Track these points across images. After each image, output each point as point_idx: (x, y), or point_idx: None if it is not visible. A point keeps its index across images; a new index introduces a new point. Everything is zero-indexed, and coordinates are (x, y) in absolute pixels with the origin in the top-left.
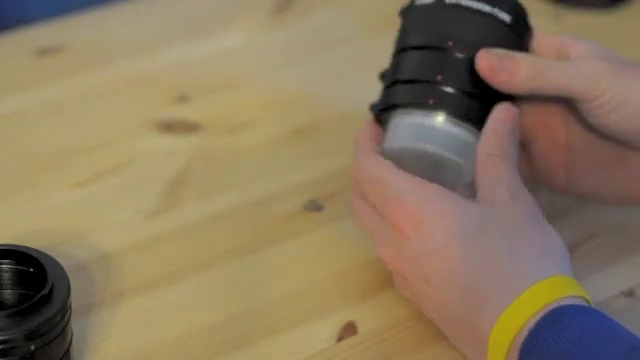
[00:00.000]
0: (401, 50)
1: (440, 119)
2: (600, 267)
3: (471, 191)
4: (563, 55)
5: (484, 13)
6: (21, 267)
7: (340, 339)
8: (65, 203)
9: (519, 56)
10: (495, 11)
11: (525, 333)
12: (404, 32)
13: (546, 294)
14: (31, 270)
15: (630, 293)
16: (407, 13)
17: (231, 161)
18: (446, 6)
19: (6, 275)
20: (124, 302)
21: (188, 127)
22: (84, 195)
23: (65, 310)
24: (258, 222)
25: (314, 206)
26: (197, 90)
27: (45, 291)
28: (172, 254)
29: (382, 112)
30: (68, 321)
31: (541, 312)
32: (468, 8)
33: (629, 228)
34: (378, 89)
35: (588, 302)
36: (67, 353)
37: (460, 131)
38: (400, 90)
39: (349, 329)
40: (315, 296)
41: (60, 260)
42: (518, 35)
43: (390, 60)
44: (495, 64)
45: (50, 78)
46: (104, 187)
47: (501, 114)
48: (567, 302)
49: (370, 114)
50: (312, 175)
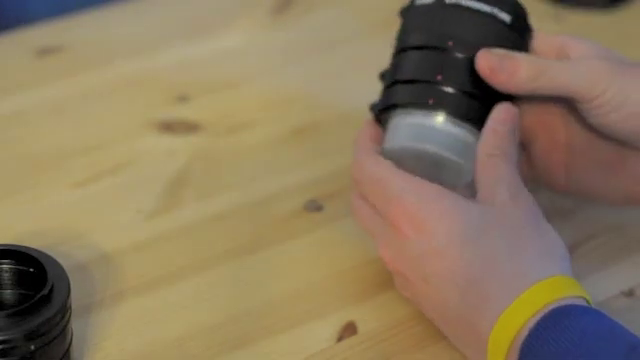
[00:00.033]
0: (401, 50)
1: (440, 119)
2: (600, 267)
3: (471, 191)
4: (563, 55)
5: (484, 13)
6: (21, 267)
7: (340, 339)
8: (65, 203)
9: (519, 56)
10: (495, 11)
11: (525, 333)
12: (404, 32)
13: (546, 294)
14: (31, 270)
15: (630, 293)
16: (407, 13)
17: (231, 161)
18: (446, 6)
19: (6, 275)
20: (124, 302)
21: (188, 127)
22: (84, 195)
23: (65, 310)
24: (258, 222)
25: (314, 206)
26: (197, 90)
27: (45, 291)
28: (172, 254)
29: (382, 112)
30: (68, 321)
31: (541, 312)
32: (468, 8)
33: (629, 228)
34: (378, 89)
35: (588, 302)
36: (67, 353)
37: (460, 131)
38: (400, 90)
39: (349, 329)
40: (315, 296)
41: (60, 260)
42: (518, 35)
43: (390, 60)
44: (495, 64)
45: (50, 78)
46: (104, 187)
47: (501, 114)
48: (567, 302)
49: (370, 114)
50: (312, 175)
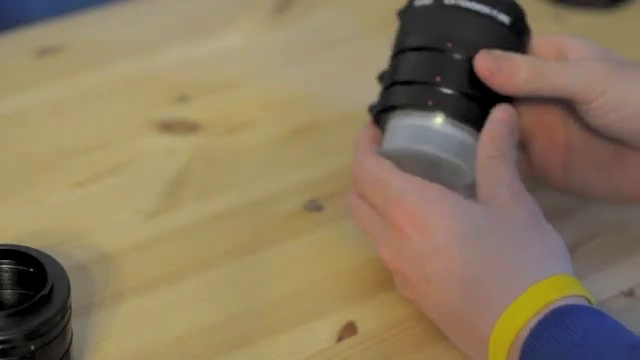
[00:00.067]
0: (399, 52)
1: (439, 120)
2: (600, 267)
3: (470, 192)
4: (561, 56)
5: (483, 14)
6: (21, 267)
7: (340, 339)
8: (65, 203)
9: (518, 58)
10: (494, 12)
11: (526, 333)
12: (402, 34)
13: (548, 293)
14: (31, 270)
15: (630, 293)
16: (405, 15)
17: (231, 161)
18: (445, 7)
19: (6, 275)
20: (124, 302)
21: (188, 127)
22: (84, 195)
23: (65, 310)
24: (258, 222)
25: (314, 206)
26: (197, 90)
27: (45, 291)
28: (172, 254)
29: (380, 113)
30: (68, 321)
31: (542, 312)
32: (467, 9)
33: (629, 228)
34: (378, 89)
35: (590, 301)
36: (67, 353)
37: (459, 132)
38: (399, 91)
39: (349, 329)
40: (315, 296)
41: (60, 260)
42: (517, 36)
43: (388, 62)
44: (494, 66)
45: (50, 78)
46: (104, 187)
47: (499, 115)
48: (569, 301)
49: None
50: (312, 175)
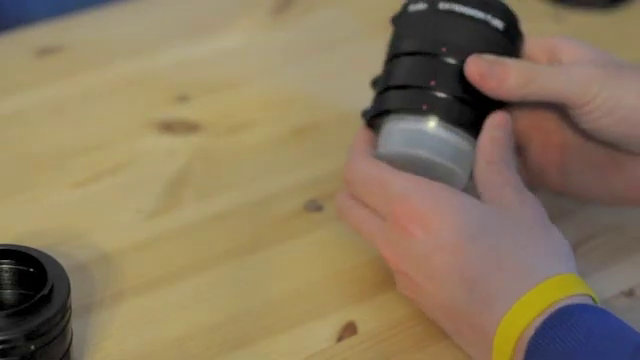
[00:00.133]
0: (393, 56)
1: (433, 124)
2: (600, 267)
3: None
4: (554, 58)
5: (478, 19)
6: (21, 267)
7: (340, 339)
8: (65, 203)
9: (509, 62)
10: (489, 18)
11: (531, 332)
12: (396, 39)
13: (553, 292)
14: (31, 270)
15: (630, 293)
16: (399, 20)
17: (231, 161)
18: (439, 12)
19: (6, 275)
20: (124, 302)
21: (188, 127)
22: (84, 195)
23: (65, 310)
24: (258, 222)
25: (314, 206)
26: (197, 90)
27: (45, 291)
28: (172, 254)
29: (374, 118)
30: (68, 321)
31: (548, 311)
32: (462, 14)
33: (629, 228)
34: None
35: (594, 300)
36: (67, 353)
37: (453, 137)
38: (393, 96)
39: (349, 329)
40: (315, 296)
41: (60, 260)
42: (510, 41)
43: (382, 67)
44: (485, 70)
45: (50, 78)
46: (104, 187)
47: (496, 121)
48: (574, 300)
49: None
50: (312, 175)
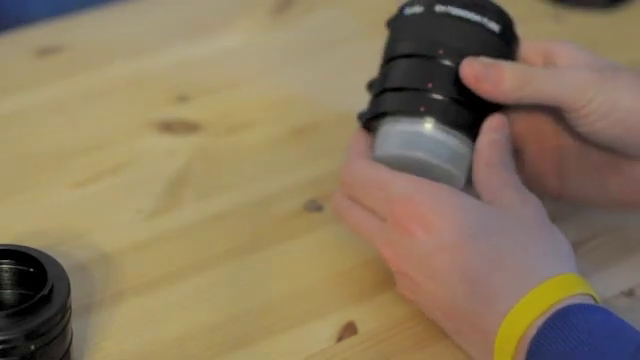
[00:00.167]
0: (390, 59)
1: (429, 126)
2: (600, 267)
3: None
4: (549, 61)
5: (474, 22)
6: (21, 267)
7: (340, 339)
8: (65, 203)
9: (504, 65)
10: (485, 20)
11: (533, 332)
12: (393, 41)
13: (554, 292)
14: (31, 270)
15: (630, 293)
16: (395, 23)
17: (231, 161)
18: (436, 15)
19: (6, 275)
20: (124, 302)
21: (188, 127)
22: (84, 195)
23: (65, 310)
24: (258, 222)
25: (314, 206)
26: (197, 90)
27: (45, 291)
28: (172, 254)
29: (371, 120)
30: (68, 321)
31: (549, 310)
32: (458, 17)
33: (629, 228)
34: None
35: (595, 300)
36: (67, 353)
37: (450, 138)
38: (389, 98)
39: (349, 329)
40: (315, 296)
41: (60, 260)
42: (506, 44)
43: (378, 70)
44: (480, 73)
45: (50, 78)
46: (104, 187)
47: (494, 123)
48: (575, 300)
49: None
50: (312, 175)
